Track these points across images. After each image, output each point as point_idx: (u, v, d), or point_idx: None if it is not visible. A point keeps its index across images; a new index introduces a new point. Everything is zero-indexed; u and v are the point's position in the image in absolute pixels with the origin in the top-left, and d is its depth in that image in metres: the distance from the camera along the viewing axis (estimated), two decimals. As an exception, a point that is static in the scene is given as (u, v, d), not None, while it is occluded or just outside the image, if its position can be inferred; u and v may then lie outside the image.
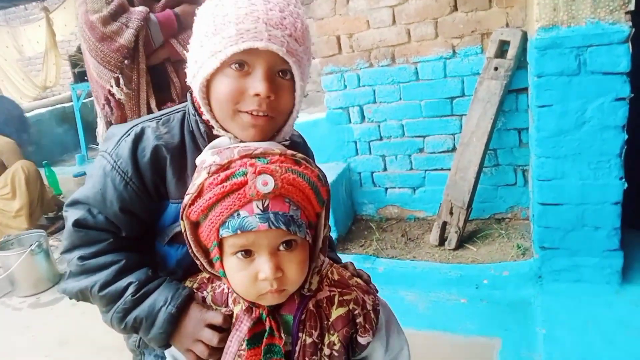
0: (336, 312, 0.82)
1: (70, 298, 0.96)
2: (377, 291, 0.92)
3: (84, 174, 4.81)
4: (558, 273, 2.27)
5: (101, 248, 0.92)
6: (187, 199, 0.76)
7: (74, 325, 2.83)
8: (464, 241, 2.81)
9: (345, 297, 0.84)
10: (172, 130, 0.92)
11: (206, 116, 0.87)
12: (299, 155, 0.78)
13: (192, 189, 0.76)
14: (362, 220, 3.32)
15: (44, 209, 4.26)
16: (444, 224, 2.85)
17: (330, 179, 3.04)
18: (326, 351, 0.81)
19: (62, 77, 7.17)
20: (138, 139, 0.90)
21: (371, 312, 0.84)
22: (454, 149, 2.94)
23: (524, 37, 2.58)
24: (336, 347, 0.81)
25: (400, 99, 3.03)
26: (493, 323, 2.18)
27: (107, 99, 1.65)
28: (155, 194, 0.92)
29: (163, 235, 0.95)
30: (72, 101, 5.94)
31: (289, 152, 0.78)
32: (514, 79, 2.66)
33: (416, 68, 2.95)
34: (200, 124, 0.89)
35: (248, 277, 0.74)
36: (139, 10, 1.59)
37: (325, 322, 0.82)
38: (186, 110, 0.93)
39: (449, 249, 2.78)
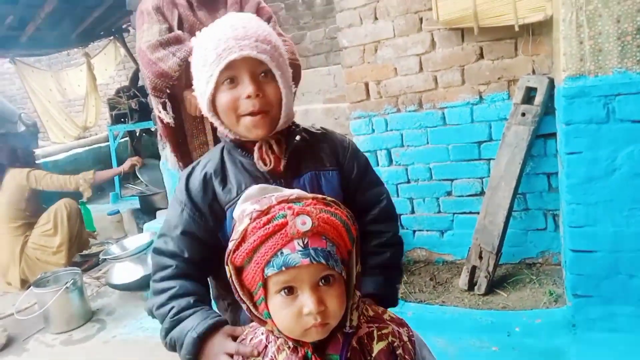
0: (377, 347, 0.87)
1: (148, 314, 1.21)
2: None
3: (118, 212, 4.96)
4: (593, 322, 2.21)
5: (167, 274, 1.10)
6: (231, 245, 0.84)
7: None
8: (494, 286, 2.77)
9: (383, 332, 0.89)
10: (213, 157, 1.17)
11: (219, 128, 1.11)
12: (329, 198, 0.87)
13: (236, 235, 0.83)
14: (390, 262, 3.31)
15: (79, 247, 4.39)
16: (473, 268, 2.83)
17: (358, 221, 3.06)
18: None
19: (100, 119, 7.52)
20: (190, 173, 1.16)
21: (408, 342, 0.90)
22: (482, 193, 2.95)
23: (551, 84, 2.62)
24: None
25: (428, 142, 3.08)
26: (526, 373, 2.13)
27: (157, 123, 1.78)
28: (210, 214, 1.11)
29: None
30: (108, 141, 6.19)
31: (319, 196, 0.87)
32: (542, 124, 2.69)
33: (443, 113, 3.01)
34: (229, 140, 1.12)
35: (292, 313, 0.80)
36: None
37: (369, 358, 0.86)
38: (222, 137, 1.16)
39: (479, 294, 2.74)
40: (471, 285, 2.83)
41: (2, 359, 3.12)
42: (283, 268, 0.78)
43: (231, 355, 0.94)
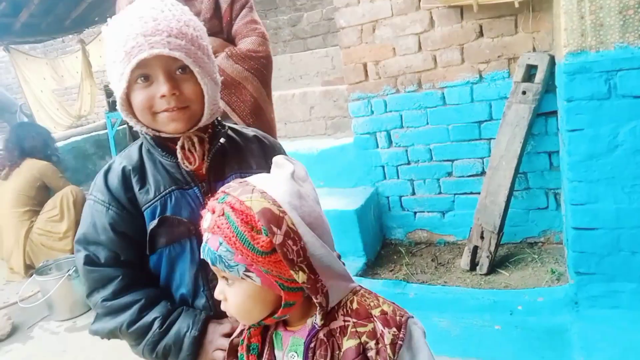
0: (347, 344, 0.81)
1: (102, 338, 1.09)
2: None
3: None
4: (595, 299, 2.22)
5: (118, 287, 1.04)
6: None
7: (109, 350, 2.89)
8: (495, 266, 2.78)
9: (358, 329, 0.81)
10: (131, 154, 1.09)
11: (135, 127, 1.03)
12: (252, 202, 0.77)
13: None
14: (391, 244, 3.32)
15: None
16: (475, 248, 2.83)
17: (358, 203, 3.06)
18: None
19: (97, 106, 7.46)
20: (107, 171, 1.08)
21: (388, 346, 0.79)
22: (482, 173, 2.94)
23: (552, 61, 2.58)
24: None
25: (428, 123, 3.05)
26: (529, 350, 2.13)
27: None
28: (134, 209, 1.05)
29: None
30: (106, 129, 6.16)
31: (246, 199, 0.78)
32: (543, 102, 2.66)
33: (443, 93, 2.98)
34: (148, 137, 1.05)
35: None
36: None
37: (337, 352, 0.82)
38: (141, 134, 1.08)
39: (481, 274, 2.75)
40: (473, 265, 2.83)
41: (7, 346, 3.14)
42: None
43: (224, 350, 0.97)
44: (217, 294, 0.84)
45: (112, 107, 5.76)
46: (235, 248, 0.77)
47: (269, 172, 0.91)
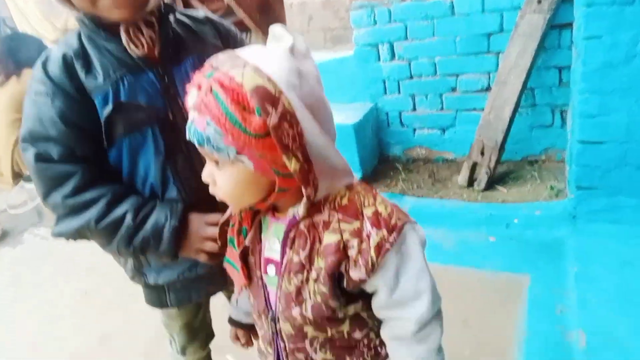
0: (327, 238, 0.75)
1: (67, 239, 0.99)
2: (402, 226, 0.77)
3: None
4: (594, 213, 2.19)
5: (78, 183, 0.94)
6: None
7: (100, 254, 2.86)
8: (494, 182, 2.73)
9: (342, 225, 0.75)
10: (69, 41, 0.98)
11: (71, 14, 0.93)
12: (243, 78, 0.66)
13: None
14: (388, 160, 3.25)
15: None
16: (474, 164, 2.77)
17: (357, 118, 2.96)
18: (313, 274, 0.77)
19: (84, 18, 7.10)
20: (45, 62, 0.96)
21: (372, 247, 0.73)
22: (488, 88, 2.82)
23: (573, -34, 2.39)
24: (322, 274, 0.76)
25: (434, 35, 2.88)
26: (522, 261, 2.14)
27: None
28: (83, 98, 0.94)
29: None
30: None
31: (236, 71, 0.67)
32: (558, 12, 2.50)
33: (452, 2, 2.78)
34: (86, 21, 0.94)
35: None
36: None
37: (317, 245, 0.76)
38: (79, 21, 0.97)
39: (478, 190, 2.71)
40: (471, 181, 2.78)
41: (-3, 250, 3.13)
42: None
43: (214, 240, 0.90)
44: (205, 177, 0.76)
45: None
46: (224, 130, 0.67)
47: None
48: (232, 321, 1.11)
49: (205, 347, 1.40)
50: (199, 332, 1.34)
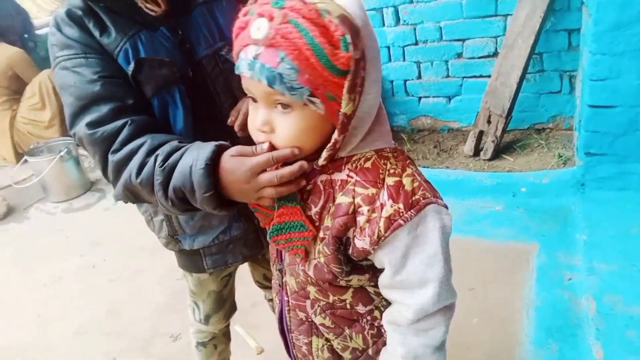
0: (340, 198, 0.71)
1: (125, 202, 0.93)
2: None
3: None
4: (603, 180, 2.15)
5: (125, 135, 0.87)
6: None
7: (106, 228, 2.90)
8: (500, 151, 2.69)
9: (357, 188, 0.70)
10: (72, 3, 0.93)
11: None
12: (325, 6, 0.61)
13: None
14: (392, 131, 3.18)
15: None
16: (480, 133, 2.72)
17: (361, 87, 2.89)
18: (321, 233, 0.73)
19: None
20: (58, 27, 0.92)
21: (382, 218, 0.67)
22: (495, 54, 2.74)
23: None
24: (328, 235, 0.72)
25: (440, -3, 2.79)
26: (529, 229, 2.11)
27: None
28: (107, 54, 0.91)
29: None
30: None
31: (316, 2, 0.62)
32: (569, -28, 2.41)
33: (458, -37, 2.69)
34: None
35: (250, 122, 0.73)
36: None
37: (330, 204, 0.72)
38: None
39: (485, 159, 2.67)
40: (477, 151, 2.74)
41: (4, 226, 3.14)
42: (237, 72, 0.68)
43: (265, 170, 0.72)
44: (261, 125, 0.68)
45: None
46: (305, 65, 0.61)
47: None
48: None
49: (227, 319, 1.39)
50: (226, 302, 1.34)
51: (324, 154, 0.69)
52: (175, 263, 1.25)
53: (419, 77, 3.03)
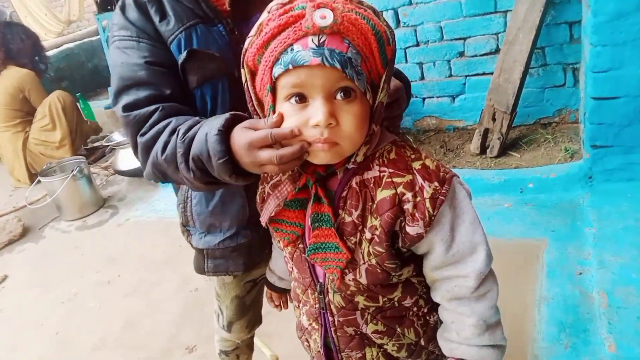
0: (381, 194, 0.73)
1: (156, 181, 0.98)
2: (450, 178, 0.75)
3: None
4: (610, 172, 2.14)
5: (154, 119, 0.91)
6: (246, 42, 0.71)
7: (120, 244, 2.94)
8: (506, 148, 2.68)
9: (395, 179, 0.73)
10: None
11: None
12: (367, 3, 0.69)
13: (252, 31, 0.70)
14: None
15: (83, 139, 4.33)
16: (486, 131, 2.72)
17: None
18: (367, 234, 0.74)
19: (87, 12, 7.07)
20: (122, 8, 0.98)
21: (427, 199, 0.71)
22: (497, 51, 2.74)
23: None
24: (377, 232, 0.73)
25: (439, -3, 2.80)
26: (539, 225, 2.10)
27: None
28: (160, 42, 0.96)
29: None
30: (98, 34, 5.85)
31: None
32: (566, -35, 2.40)
33: (455, -38, 2.70)
34: None
35: (298, 123, 0.67)
36: None
37: (370, 204, 0.74)
38: None
39: (491, 157, 2.66)
40: (483, 149, 2.73)
41: (21, 246, 3.20)
42: (290, 66, 0.64)
43: (269, 146, 0.71)
44: (328, 118, 0.65)
45: (101, 7, 5.42)
46: (368, 51, 0.67)
47: None
48: (267, 283, 1.15)
49: (251, 330, 1.39)
50: (249, 310, 1.33)
51: (362, 149, 0.73)
52: (189, 275, 1.26)
53: (422, 77, 3.03)
